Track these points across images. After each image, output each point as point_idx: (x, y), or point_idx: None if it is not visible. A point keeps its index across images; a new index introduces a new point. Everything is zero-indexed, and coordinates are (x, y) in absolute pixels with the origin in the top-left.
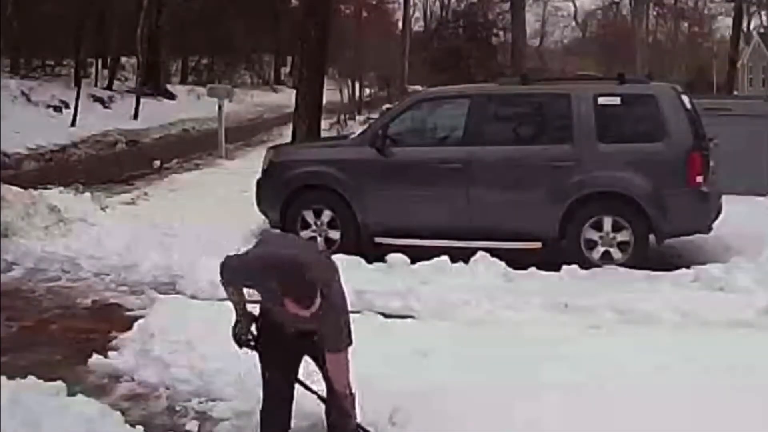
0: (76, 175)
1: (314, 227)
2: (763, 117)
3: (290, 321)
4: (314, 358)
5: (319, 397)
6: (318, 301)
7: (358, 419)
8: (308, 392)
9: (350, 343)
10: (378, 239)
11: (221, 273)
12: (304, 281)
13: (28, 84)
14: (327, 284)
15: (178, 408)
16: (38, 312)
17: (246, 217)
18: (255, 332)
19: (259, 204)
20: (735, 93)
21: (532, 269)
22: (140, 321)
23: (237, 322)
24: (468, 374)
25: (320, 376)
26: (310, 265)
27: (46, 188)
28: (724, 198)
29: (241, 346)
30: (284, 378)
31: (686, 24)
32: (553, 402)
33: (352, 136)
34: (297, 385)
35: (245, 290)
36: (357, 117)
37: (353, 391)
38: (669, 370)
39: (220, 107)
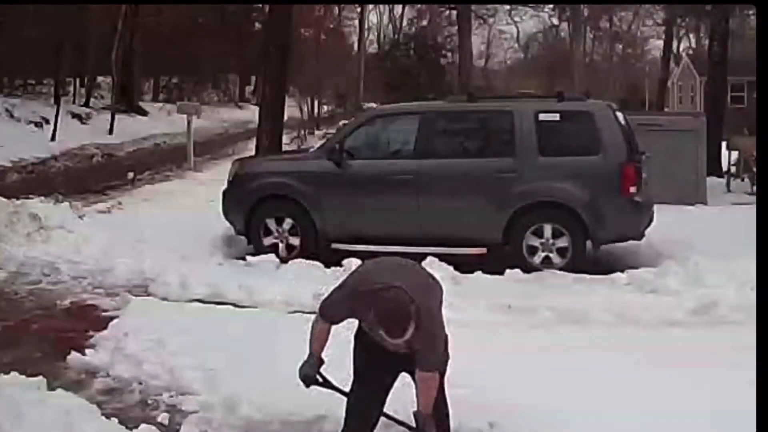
0: (55, 186)
1: (276, 234)
2: (692, 132)
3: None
4: (411, 374)
5: (408, 426)
6: (411, 331)
7: None
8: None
9: (442, 367)
10: (335, 245)
11: (322, 310)
12: (397, 313)
13: (11, 101)
14: (425, 312)
15: (150, 401)
16: (20, 312)
17: (213, 224)
18: (322, 376)
19: (225, 213)
20: (666, 110)
21: (478, 273)
22: (115, 321)
23: (305, 362)
24: None
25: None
26: (404, 298)
27: (27, 198)
28: (655, 207)
29: (307, 385)
30: (373, 398)
31: (620, 46)
32: (498, 396)
33: (312, 149)
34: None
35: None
36: (316, 132)
37: (449, 413)
38: (603, 366)
39: (189, 123)
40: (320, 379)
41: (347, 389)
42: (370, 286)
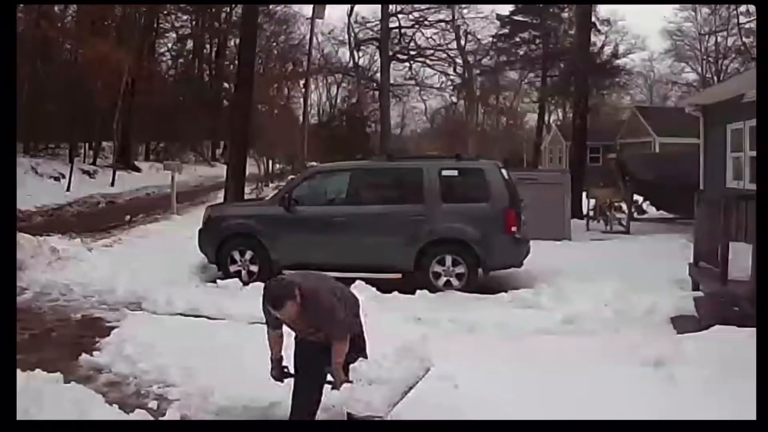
0: (70, 226)
1: (240, 263)
2: (560, 184)
3: (301, 332)
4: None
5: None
6: (290, 308)
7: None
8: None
9: (345, 332)
10: (285, 271)
11: (266, 324)
12: (276, 291)
13: (35, 161)
14: (311, 298)
15: (143, 392)
16: (43, 323)
17: (191, 256)
18: (286, 369)
19: (200, 246)
20: (539, 167)
21: (395, 293)
22: (116, 330)
23: (271, 368)
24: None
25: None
26: (285, 281)
27: (48, 235)
28: (531, 242)
29: (282, 381)
30: (311, 385)
31: (504, 118)
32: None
33: (267, 198)
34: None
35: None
36: (270, 185)
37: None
38: (491, 364)
39: (172, 177)
40: (287, 372)
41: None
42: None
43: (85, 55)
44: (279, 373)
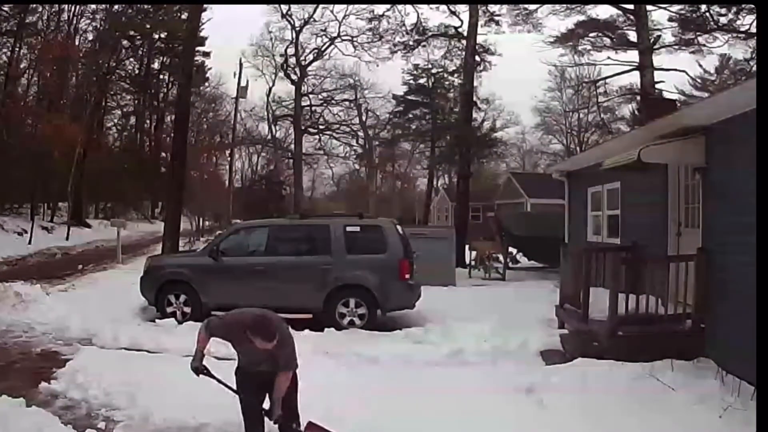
0: (31, 274)
1: (175, 305)
2: (446, 239)
3: (255, 362)
4: (268, 393)
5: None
6: (276, 340)
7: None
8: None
9: (296, 366)
10: (213, 312)
11: (206, 326)
12: (270, 325)
13: (2, 219)
14: (282, 330)
15: (92, 414)
16: (8, 356)
17: (134, 299)
18: (206, 368)
19: (141, 291)
20: (429, 224)
21: (307, 330)
22: (70, 362)
23: (193, 359)
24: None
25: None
26: (269, 316)
27: (13, 282)
28: (422, 287)
29: (197, 374)
30: (257, 402)
31: (400, 182)
32: (317, 408)
33: (198, 250)
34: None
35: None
36: (201, 239)
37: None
38: (387, 389)
39: (118, 233)
40: (204, 370)
41: (227, 381)
42: (246, 315)
43: (44, 130)
44: (199, 365)
